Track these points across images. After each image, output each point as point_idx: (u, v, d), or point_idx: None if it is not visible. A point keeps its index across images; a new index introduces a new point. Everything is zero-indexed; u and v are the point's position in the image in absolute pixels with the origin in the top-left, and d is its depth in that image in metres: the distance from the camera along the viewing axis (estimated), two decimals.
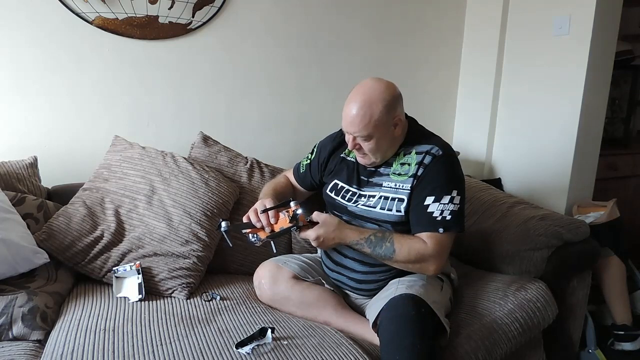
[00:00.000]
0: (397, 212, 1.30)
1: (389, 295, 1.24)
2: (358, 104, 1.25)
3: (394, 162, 1.36)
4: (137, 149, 1.66)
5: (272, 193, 1.46)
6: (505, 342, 1.36)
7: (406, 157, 1.34)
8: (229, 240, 1.27)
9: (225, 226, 1.24)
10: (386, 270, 1.35)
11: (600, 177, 2.28)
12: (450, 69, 2.54)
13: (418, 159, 1.31)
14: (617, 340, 1.99)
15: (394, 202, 1.31)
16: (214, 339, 1.17)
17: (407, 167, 1.32)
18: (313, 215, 1.28)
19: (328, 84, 2.21)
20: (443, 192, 1.27)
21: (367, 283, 1.39)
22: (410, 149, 1.34)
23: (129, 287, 1.39)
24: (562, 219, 1.73)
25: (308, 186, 1.59)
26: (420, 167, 1.29)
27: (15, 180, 1.51)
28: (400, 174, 1.33)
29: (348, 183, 1.43)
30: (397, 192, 1.32)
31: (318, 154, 1.53)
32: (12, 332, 1.17)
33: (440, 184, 1.27)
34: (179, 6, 1.83)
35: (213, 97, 1.99)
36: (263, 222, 1.28)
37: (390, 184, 1.34)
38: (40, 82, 1.70)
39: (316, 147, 1.56)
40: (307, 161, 1.57)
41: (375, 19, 2.26)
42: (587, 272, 1.75)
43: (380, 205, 1.33)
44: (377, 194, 1.35)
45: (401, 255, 1.25)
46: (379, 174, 1.38)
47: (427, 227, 1.27)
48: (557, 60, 2.12)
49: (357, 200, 1.38)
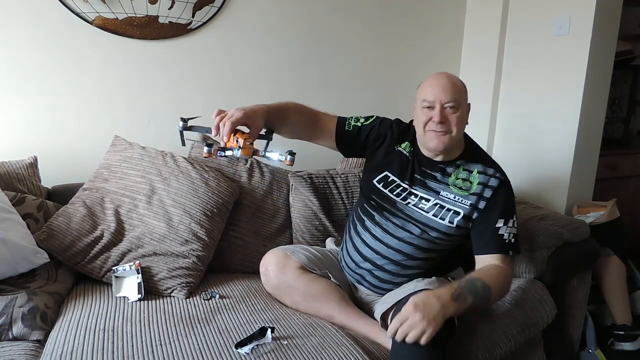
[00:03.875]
0: (450, 223, 1.32)
1: (405, 292, 1.24)
2: (445, 75, 1.33)
3: (453, 173, 1.36)
4: (137, 149, 1.66)
5: (272, 111, 1.27)
6: (505, 342, 1.36)
7: (465, 172, 1.36)
8: (183, 140, 1.23)
9: (182, 127, 1.20)
10: (413, 275, 1.36)
11: (600, 177, 2.28)
12: (450, 68, 2.53)
13: (481, 179, 1.34)
14: (617, 340, 1.99)
15: (449, 212, 1.33)
16: (213, 339, 1.17)
17: (469, 184, 1.34)
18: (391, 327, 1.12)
19: (328, 84, 2.21)
20: (510, 216, 1.32)
21: (389, 284, 1.39)
22: (471, 166, 1.37)
23: (129, 286, 1.39)
24: (562, 219, 1.73)
25: (344, 141, 1.43)
26: (485, 189, 1.33)
27: (15, 180, 1.51)
28: (461, 188, 1.35)
29: (400, 178, 1.40)
30: (455, 205, 1.33)
31: (378, 125, 1.44)
32: (12, 332, 1.17)
33: (508, 208, 1.33)
34: (179, 6, 1.83)
35: (213, 97, 1.99)
36: (222, 133, 1.14)
37: (449, 195, 1.35)
38: (40, 82, 1.70)
39: (375, 117, 1.47)
40: (358, 123, 1.44)
41: (374, 19, 2.26)
42: (587, 272, 1.75)
43: (434, 212, 1.34)
44: (433, 200, 1.35)
45: (496, 289, 1.23)
46: (435, 180, 1.37)
47: (500, 250, 1.30)
48: (557, 60, 2.11)
49: (406, 197, 1.37)
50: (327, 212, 1.74)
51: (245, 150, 1.12)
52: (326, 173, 1.81)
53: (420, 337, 1.06)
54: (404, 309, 1.10)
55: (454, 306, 1.12)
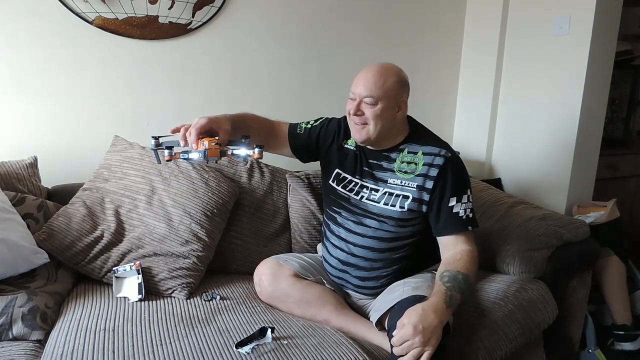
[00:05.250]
0: (401, 208, 1.32)
1: (397, 297, 1.24)
2: (374, 69, 1.31)
3: (397, 158, 1.36)
4: (137, 149, 1.66)
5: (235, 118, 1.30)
6: (506, 343, 1.36)
7: (410, 155, 1.35)
8: (158, 157, 1.24)
9: (154, 144, 1.19)
10: (387, 265, 1.37)
11: (600, 177, 2.28)
12: (450, 69, 2.54)
13: (427, 160, 1.33)
14: (617, 340, 1.99)
15: (398, 198, 1.33)
16: (213, 339, 1.17)
17: (414, 166, 1.34)
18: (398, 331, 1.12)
19: (328, 83, 2.21)
20: (462, 192, 1.31)
21: (370, 280, 1.39)
22: (415, 148, 1.36)
23: (129, 287, 1.39)
24: (562, 219, 1.73)
25: (297, 144, 1.49)
26: (431, 168, 1.31)
27: (15, 180, 1.51)
28: (406, 172, 1.34)
29: (351, 173, 1.43)
30: (403, 190, 1.33)
31: (327, 124, 1.50)
32: (12, 332, 1.17)
33: (458, 184, 1.31)
34: (179, 6, 1.83)
35: (213, 97, 1.99)
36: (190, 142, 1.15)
37: (396, 181, 1.35)
38: (41, 82, 1.70)
39: (325, 118, 1.53)
40: (309, 125, 1.51)
41: (375, 18, 2.26)
42: (587, 272, 1.75)
43: (384, 201, 1.35)
44: (382, 189, 1.36)
45: (472, 272, 1.24)
46: (382, 169, 1.38)
47: (458, 228, 1.30)
48: (557, 60, 2.11)
49: (359, 191, 1.39)
50: None
51: (212, 152, 1.11)
52: None
53: (421, 356, 1.08)
54: (404, 330, 1.09)
55: (448, 312, 1.15)
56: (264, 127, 1.45)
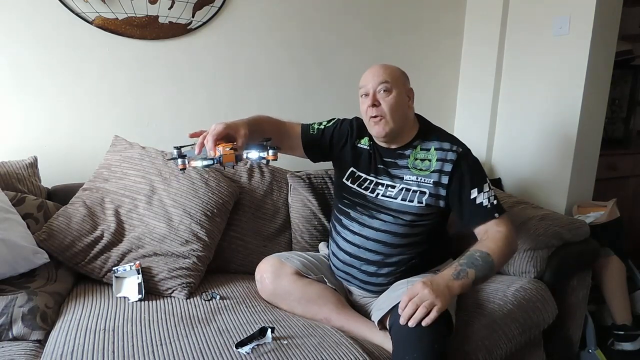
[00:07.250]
0: (419, 203, 1.35)
1: (399, 296, 1.24)
2: (376, 65, 1.37)
3: (411, 155, 1.39)
4: (137, 149, 1.66)
5: (252, 122, 1.30)
6: (506, 343, 1.36)
7: (423, 152, 1.39)
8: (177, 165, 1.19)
9: (177, 154, 1.15)
10: (397, 262, 1.38)
11: (600, 177, 2.28)
12: (450, 69, 2.54)
13: (439, 155, 1.36)
14: (617, 340, 1.99)
15: (415, 194, 1.36)
16: (213, 339, 1.17)
17: (428, 162, 1.37)
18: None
19: (329, 83, 2.21)
20: (481, 182, 1.34)
21: (378, 276, 1.40)
22: (427, 145, 1.39)
23: (129, 287, 1.39)
24: (562, 219, 1.73)
25: (311, 145, 1.50)
26: (445, 164, 1.35)
27: (15, 180, 1.51)
28: (421, 169, 1.37)
29: (366, 172, 1.45)
30: (420, 186, 1.36)
31: (340, 125, 1.52)
32: (12, 332, 1.17)
33: (476, 176, 1.35)
34: (179, 6, 1.83)
35: (213, 97, 1.99)
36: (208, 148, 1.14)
37: (412, 177, 1.38)
38: (41, 82, 1.70)
39: (337, 119, 1.55)
40: (322, 126, 1.52)
41: (375, 17, 2.26)
42: (587, 272, 1.75)
43: (402, 197, 1.37)
44: (399, 186, 1.38)
45: (496, 253, 1.25)
46: (396, 166, 1.41)
47: (486, 218, 1.32)
48: (557, 60, 2.11)
49: (374, 189, 1.41)
50: (326, 212, 1.74)
51: (227, 157, 1.11)
52: (324, 173, 1.82)
53: (431, 309, 1.11)
54: (413, 287, 1.16)
55: (457, 284, 1.18)
56: (277, 129, 1.46)
